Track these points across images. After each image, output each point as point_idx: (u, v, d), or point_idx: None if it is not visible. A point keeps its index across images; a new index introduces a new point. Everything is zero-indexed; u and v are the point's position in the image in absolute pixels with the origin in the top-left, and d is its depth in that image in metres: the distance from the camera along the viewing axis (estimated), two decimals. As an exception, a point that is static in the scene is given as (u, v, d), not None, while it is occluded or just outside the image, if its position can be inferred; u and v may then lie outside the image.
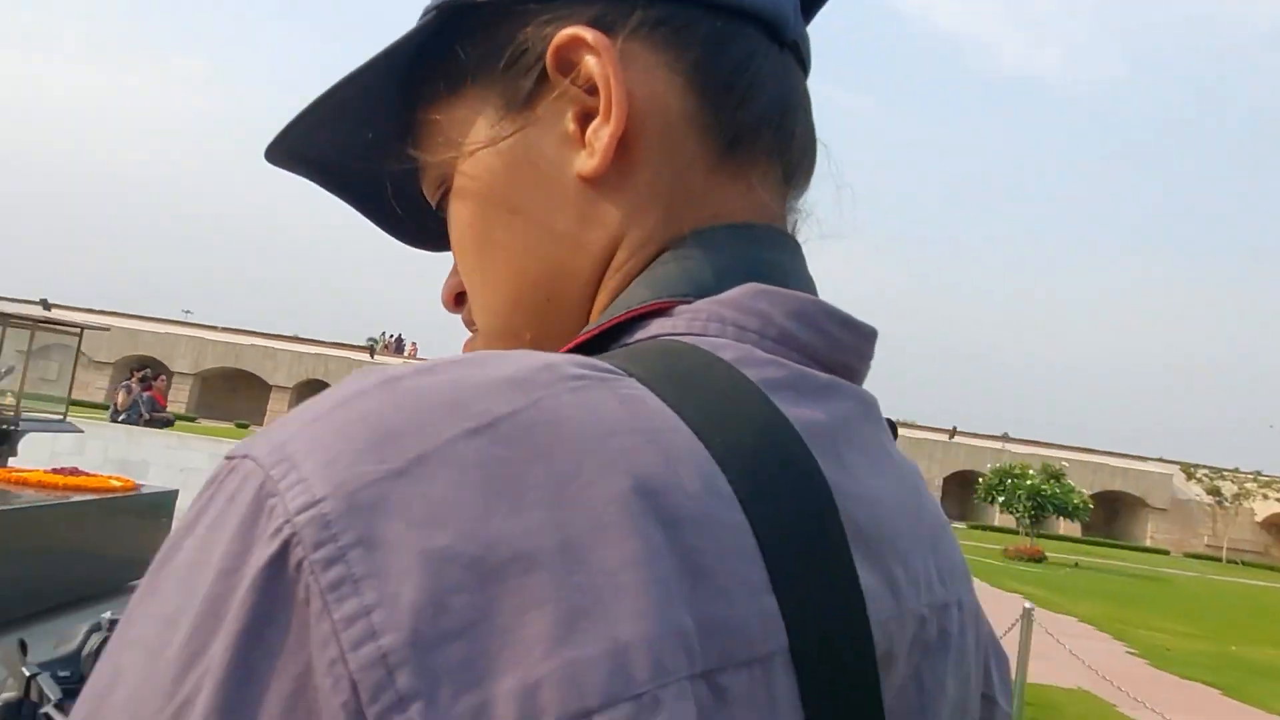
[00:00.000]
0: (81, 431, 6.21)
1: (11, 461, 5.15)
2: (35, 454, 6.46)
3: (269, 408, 45.17)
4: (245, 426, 39.31)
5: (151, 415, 10.91)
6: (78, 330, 5.48)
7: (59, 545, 4.40)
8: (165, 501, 5.33)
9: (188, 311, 52.78)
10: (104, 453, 7.97)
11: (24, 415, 5.04)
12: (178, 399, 42.98)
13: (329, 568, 0.27)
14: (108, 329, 11.91)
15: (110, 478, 5.06)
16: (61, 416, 5.42)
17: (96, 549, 4.65)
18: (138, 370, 11.95)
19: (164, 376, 12.40)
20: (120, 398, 11.28)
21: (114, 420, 10.46)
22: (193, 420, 37.27)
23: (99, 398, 40.31)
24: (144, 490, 5.20)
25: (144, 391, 11.24)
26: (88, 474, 4.96)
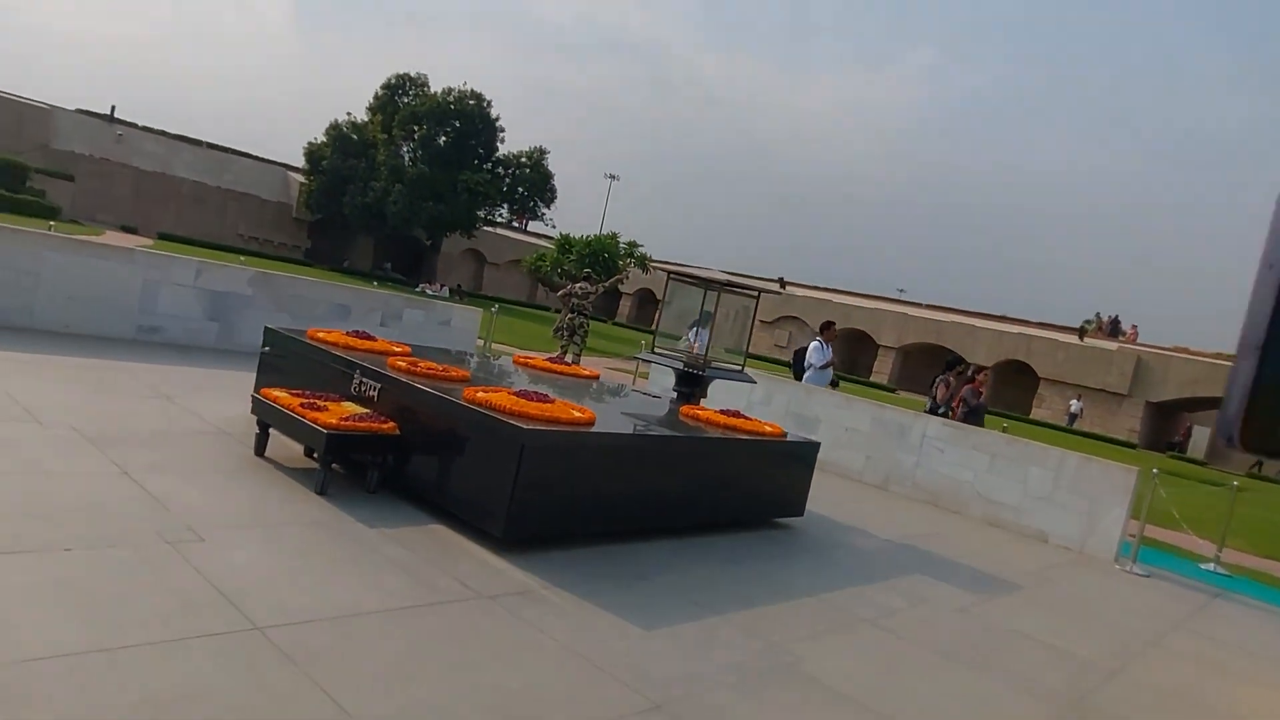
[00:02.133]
0: (754, 382, 7.41)
1: (703, 402, 6.41)
2: (731, 398, 7.91)
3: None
4: (942, 401, 40.79)
5: (974, 405, 10.79)
6: (755, 294, 6.54)
7: (720, 472, 5.40)
8: (807, 451, 6.07)
9: (901, 290, 56.96)
10: (786, 406, 9.36)
11: (712, 364, 6.25)
12: (882, 370, 46.95)
13: None
14: (781, 293, 13.35)
15: (765, 424, 5.96)
16: (740, 368, 6.56)
17: (748, 482, 5.58)
18: (956, 365, 11.75)
19: (987, 370, 12.11)
20: (940, 391, 11.30)
21: (933, 413, 10.41)
22: (893, 391, 40.31)
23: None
24: (790, 438, 5.97)
25: (965, 385, 11.19)
26: (746, 418, 5.89)
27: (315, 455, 4.67)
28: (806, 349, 10.95)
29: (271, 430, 4.91)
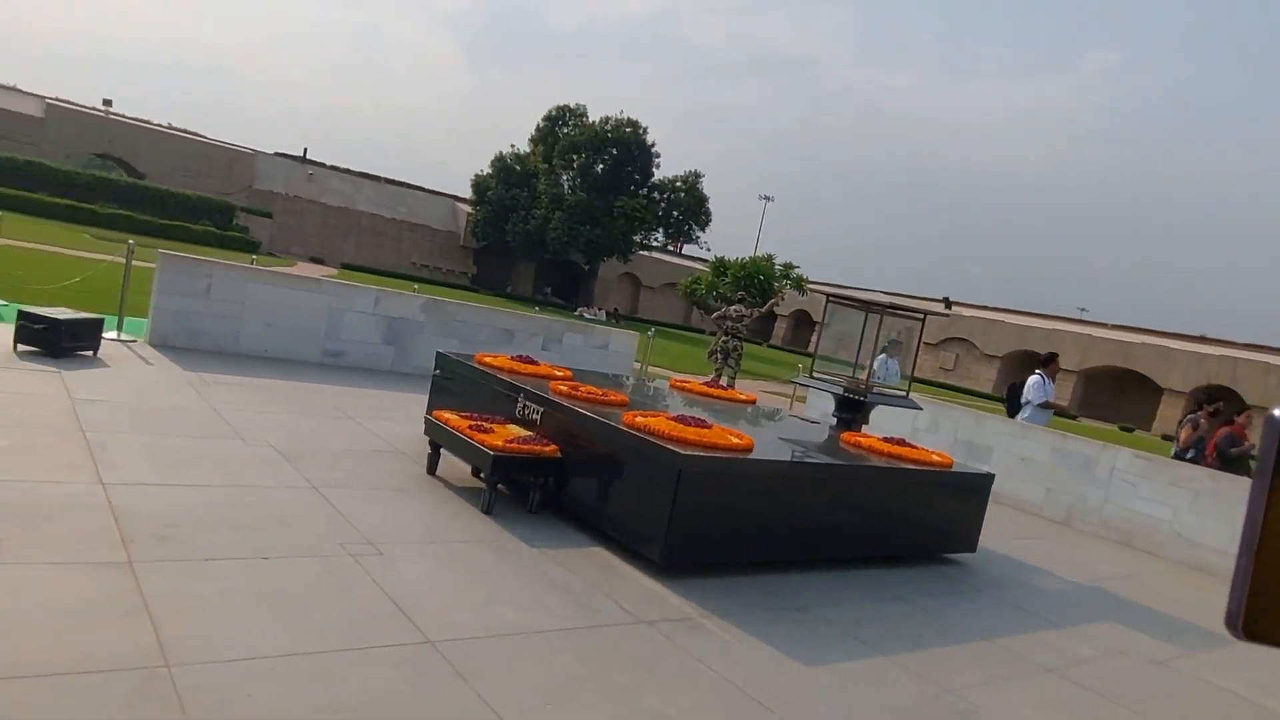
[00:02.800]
0: (920, 408, 7.05)
1: (864, 429, 6.19)
2: (895, 425, 7.60)
3: (1159, 412, 42.05)
4: (1130, 430, 37.55)
5: (1231, 453, 9.40)
6: (921, 316, 6.25)
7: (884, 503, 5.18)
8: (980, 483, 5.72)
9: (1082, 309, 53.07)
10: (954, 433, 8.86)
11: (874, 390, 6.02)
12: (1059, 396, 43.66)
13: None
14: (949, 315, 12.54)
15: (933, 453, 5.68)
16: (904, 393, 6.28)
17: (914, 515, 5.31)
18: (1208, 404, 10.24)
19: (1248, 413, 10.64)
20: (1184, 434, 10.00)
21: (1180, 458, 9.32)
22: (1073, 418, 37.43)
23: (987, 388, 44.18)
24: (960, 469, 5.65)
25: (1222, 428, 9.77)
26: (912, 446, 5.63)
27: (482, 475, 4.85)
28: (1024, 384, 9.78)
29: (442, 450, 5.17)
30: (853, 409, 6.30)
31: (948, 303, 48.97)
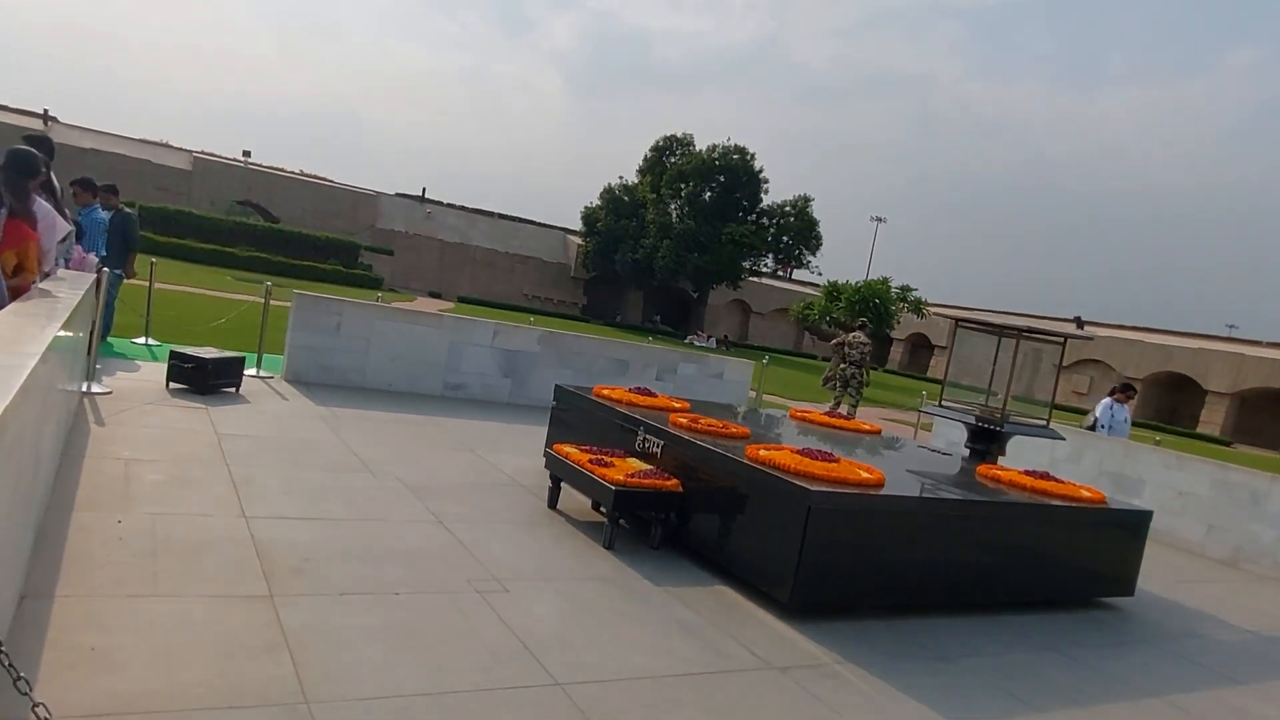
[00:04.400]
0: (1063, 439, 6.58)
1: (1001, 460, 5.81)
2: (1034, 457, 7.12)
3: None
4: (1290, 456, 34.25)
5: None
6: (1061, 340, 5.85)
7: (1029, 543, 4.82)
8: (1136, 520, 5.26)
9: (1232, 326, 49.14)
10: (1099, 465, 8.24)
11: (1010, 418, 5.65)
12: (1211, 420, 40.44)
13: None
14: (1092, 338, 11.70)
15: (1081, 488, 5.28)
16: (1044, 422, 5.88)
17: (1063, 555, 4.92)
18: None
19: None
20: None
21: None
22: (1226, 444, 34.52)
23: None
24: (1113, 505, 5.22)
25: None
26: (1058, 480, 5.24)
27: (603, 509, 4.80)
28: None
29: (563, 483, 5.15)
30: (987, 439, 5.93)
31: (1080, 322, 46.28)
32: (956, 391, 6.55)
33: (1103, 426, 9.37)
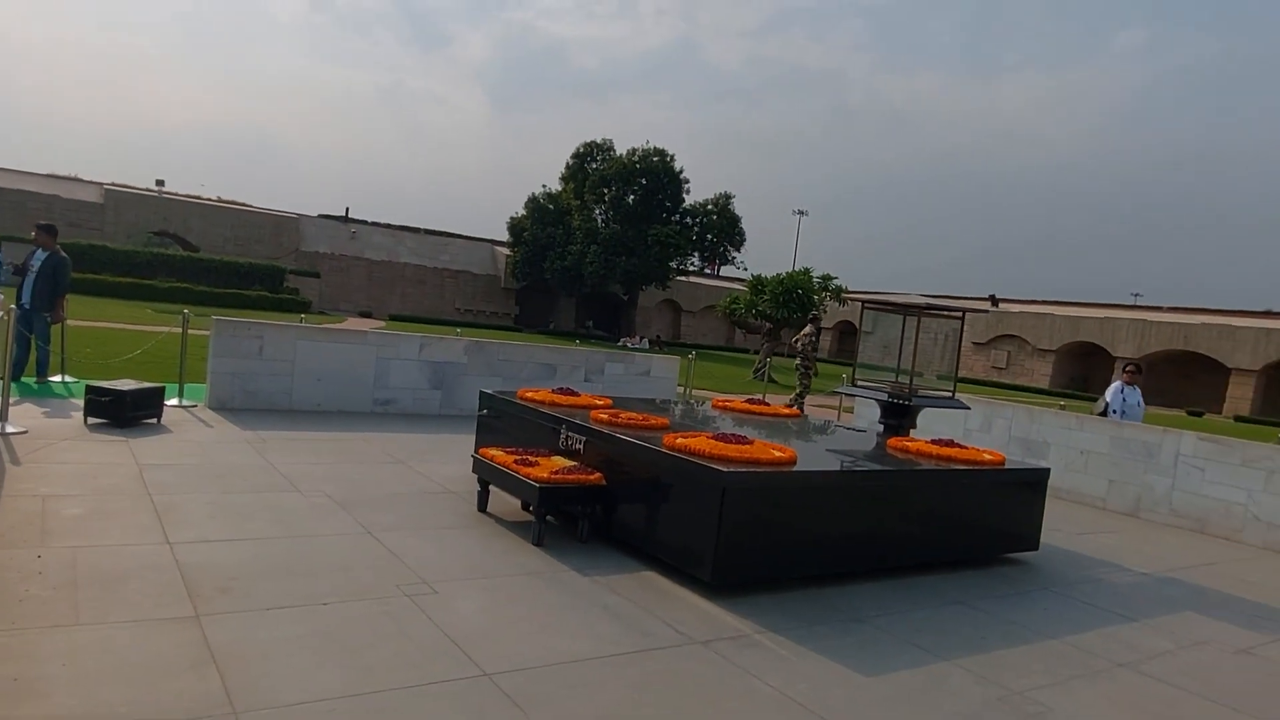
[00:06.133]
0: (968, 408, 6.94)
1: (913, 433, 6.11)
2: (948, 428, 7.47)
3: (1227, 393, 40.51)
4: (1199, 414, 36.21)
5: None
6: (960, 315, 6.18)
7: (936, 507, 5.11)
8: (1035, 478, 5.61)
9: (1136, 295, 51.60)
10: (1008, 431, 8.68)
11: (918, 392, 5.95)
12: (1123, 384, 42.42)
13: None
14: (988, 310, 12.24)
15: (984, 452, 5.59)
16: (950, 394, 6.19)
17: (969, 516, 5.22)
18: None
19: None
20: None
21: None
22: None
23: (1043, 383, 43.06)
24: (1012, 465, 5.55)
25: None
26: (962, 446, 5.55)
27: (531, 508, 4.91)
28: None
29: (491, 486, 5.25)
30: (899, 414, 6.23)
31: (994, 300, 48.02)
32: (869, 371, 6.85)
33: (1114, 411, 9.05)
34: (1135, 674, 3.87)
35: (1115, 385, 9.42)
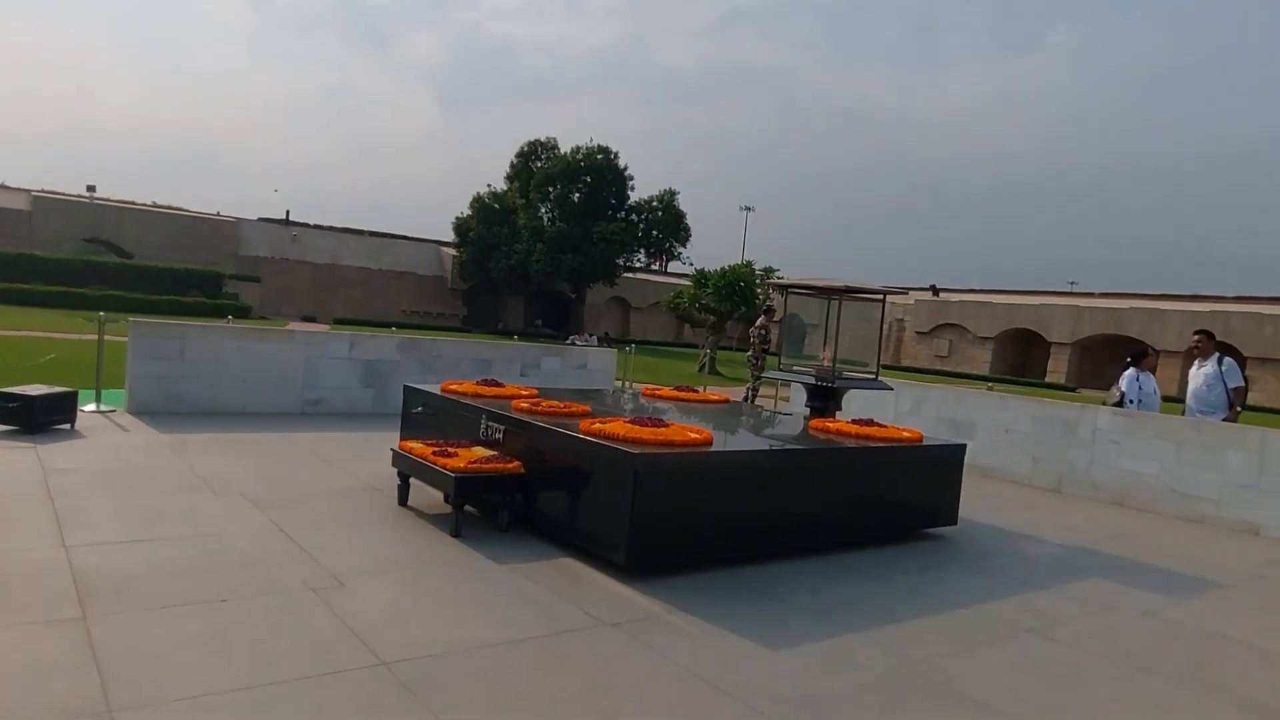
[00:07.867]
0: (891, 389, 7.06)
1: (839, 415, 6.18)
2: (877, 410, 7.59)
3: (1158, 374, 41.87)
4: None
5: None
6: (880, 297, 6.27)
7: (855, 485, 5.18)
8: (952, 455, 5.72)
9: (1072, 283, 53.01)
10: (937, 412, 8.86)
11: (841, 374, 6.03)
12: (1057, 369, 43.65)
13: None
14: (905, 292, 12.47)
15: (903, 430, 5.68)
16: (874, 375, 6.29)
17: (888, 493, 5.30)
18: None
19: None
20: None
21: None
22: (1072, 390, 37.30)
23: (983, 370, 44.05)
24: (930, 442, 5.65)
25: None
26: (881, 425, 5.64)
27: (449, 499, 4.86)
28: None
29: (413, 480, 5.18)
30: (824, 396, 6.31)
31: (935, 290, 48.99)
32: (794, 356, 6.93)
33: (1130, 401, 8.60)
34: (1041, 639, 3.97)
35: (1130, 373, 8.78)
